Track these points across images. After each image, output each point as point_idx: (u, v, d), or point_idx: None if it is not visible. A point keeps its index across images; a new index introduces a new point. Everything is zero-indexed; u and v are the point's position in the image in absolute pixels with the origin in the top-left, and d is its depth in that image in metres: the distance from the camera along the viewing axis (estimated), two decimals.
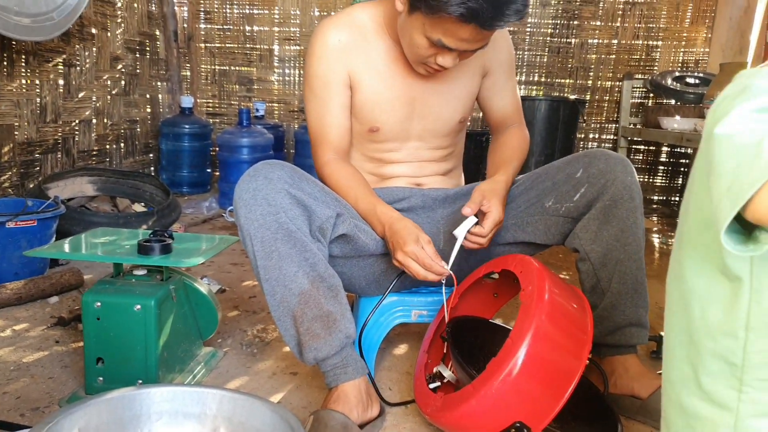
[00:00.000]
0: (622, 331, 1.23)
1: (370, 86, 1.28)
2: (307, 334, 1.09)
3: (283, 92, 4.10)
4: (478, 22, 1.04)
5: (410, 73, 1.28)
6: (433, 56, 1.16)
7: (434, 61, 1.17)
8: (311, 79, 1.29)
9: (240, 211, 1.08)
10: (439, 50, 1.14)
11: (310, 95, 1.30)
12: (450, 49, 1.12)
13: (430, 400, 1.09)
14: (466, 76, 1.33)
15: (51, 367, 1.37)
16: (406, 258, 1.12)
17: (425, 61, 1.18)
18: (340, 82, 1.27)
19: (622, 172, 1.21)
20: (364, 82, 1.27)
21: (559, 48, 4.05)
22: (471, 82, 1.35)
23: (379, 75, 1.28)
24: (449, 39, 1.10)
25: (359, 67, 1.27)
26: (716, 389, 0.61)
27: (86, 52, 2.95)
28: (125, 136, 3.43)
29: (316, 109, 1.29)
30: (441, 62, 1.16)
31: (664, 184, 4.19)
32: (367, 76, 1.27)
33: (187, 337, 1.35)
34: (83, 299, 1.19)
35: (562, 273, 2.32)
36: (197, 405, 1.05)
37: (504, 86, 1.41)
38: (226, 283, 2.01)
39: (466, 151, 1.53)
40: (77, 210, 2.41)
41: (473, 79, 1.35)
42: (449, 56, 1.15)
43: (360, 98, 1.28)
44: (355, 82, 1.28)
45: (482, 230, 1.18)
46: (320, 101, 1.28)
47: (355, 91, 1.28)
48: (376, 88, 1.28)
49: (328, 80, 1.27)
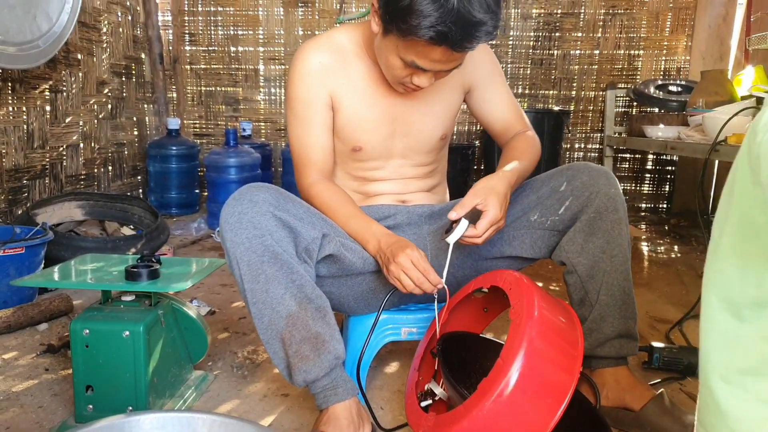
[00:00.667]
0: (611, 343, 1.24)
1: (351, 107, 1.29)
2: (296, 357, 1.09)
3: (269, 111, 4.12)
4: (449, 44, 1.06)
5: (390, 93, 1.30)
6: (409, 76, 1.18)
7: (410, 81, 1.19)
8: (293, 102, 1.30)
9: (226, 234, 1.09)
10: (414, 71, 1.16)
11: (292, 118, 1.31)
12: (424, 69, 1.14)
13: (422, 420, 1.09)
14: (445, 93, 1.35)
15: (41, 395, 1.36)
16: (398, 269, 1.12)
17: (402, 81, 1.20)
18: (322, 103, 1.28)
19: (606, 185, 1.23)
20: (346, 103, 1.29)
21: (542, 60, 4.09)
22: (451, 99, 1.37)
23: (360, 95, 1.29)
24: (422, 60, 1.12)
25: (340, 88, 1.28)
26: None
27: (72, 78, 2.95)
28: (113, 160, 3.42)
29: (299, 131, 1.30)
30: (417, 82, 1.18)
31: (651, 191, 4.23)
32: (348, 96, 1.29)
33: (176, 362, 1.34)
34: (71, 327, 1.18)
35: (552, 285, 2.33)
36: (187, 431, 1.05)
37: (494, 97, 1.40)
38: (216, 305, 2.01)
39: (452, 165, 1.55)
40: (65, 235, 2.40)
41: (453, 96, 1.37)
42: (424, 76, 1.17)
43: (342, 119, 1.30)
44: (337, 102, 1.29)
45: (475, 231, 1.14)
46: (302, 123, 1.29)
47: (337, 111, 1.30)
48: (357, 108, 1.29)
49: (309, 102, 1.28)
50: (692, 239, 3.32)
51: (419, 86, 1.19)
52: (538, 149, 1.37)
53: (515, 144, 1.36)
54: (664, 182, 4.22)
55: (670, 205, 4.22)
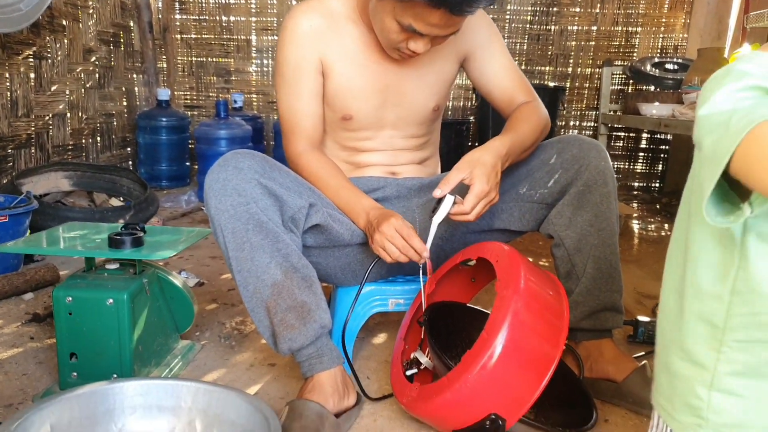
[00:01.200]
0: (596, 316, 1.24)
1: (342, 73, 1.26)
2: (281, 325, 1.09)
3: (261, 83, 4.06)
4: (447, 7, 1.03)
5: (383, 61, 1.27)
6: (404, 41, 1.15)
7: (406, 46, 1.16)
8: (282, 66, 1.27)
9: (210, 201, 1.07)
10: (410, 35, 1.13)
11: (281, 82, 1.28)
12: (421, 34, 1.11)
13: (406, 390, 1.09)
14: (439, 62, 1.32)
15: (25, 363, 1.35)
16: (382, 238, 1.11)
17: (397, 47, 1.17)
18: (312, 68, 1.25)
19: (596, 158, 1.21)
20: (337, 69, 1.26)
21: (539, 35, 4.05)
22: (445, 69, 1.34)
23: (351, 62, 1.26)
24: (419, 24, 1.09)
25: (331, 53, 1.25)
26: (697, 350, 0.65)
27: (57, 45, 2.89)
28: (101, 130, 3.38)
29: (288, 96, 1.27)
30: (412, 47, 1.15)
31: (644, 170, 4.23)
32: (340, 62, 1.26)
33: (162, 331, 1.34)
34: (54, 294, 1.17)
35: (541, 260, 2.33)
36: (172, 398, 1.05)
37: (493, 64, 1.34)
38: (205, 277, 2.00)
39: (446, 140, 1.52)
40: (51, 205, 2.37)
41: (447, 65, 1.34)
42: (421, 41, 1.14)
43: (332, 85, 1.27)
44: (327, 68, 1.26)
45: (464, 208, 1.09)
46: (291, 88, 1.26)
47: (327, 77, 1.27)
48: (348, 74, 1.26)
49: (299, 66, 1.25)
50: None
51: (415, 52, 1.16)
52: (540, 117, 1.28)
53: (515, 114, 1.29)
54: (657, 161, 4.22)
55: (663, 184, 4.22)
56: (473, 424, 0.96)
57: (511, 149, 1.18)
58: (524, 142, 1.23)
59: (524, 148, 1.24)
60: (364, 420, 1.16)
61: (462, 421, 0.97)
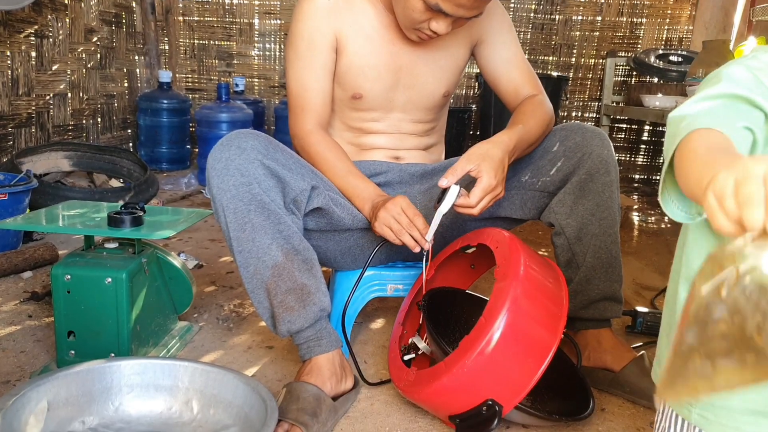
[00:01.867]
0: (596, 305, 1.24)
1: (356, 51, 1.25)
2: (280, 307, 1.09)
3: (263, 67, 4.04)
4: None
5: (398, 41, 1.26)
6: (426, 21, 1.13)
7: (427, 26, 1.14)
8: (295, 39, 1.25)
9: (212, 181, 1.06)
10: (433, 15, 1.11)
11: (293, 56, 1.26)
12: (446, 14, 1.10)
13: (403, 374, 1.09)
14: (453, 47, 1.31)
15: (23, 341, 1.35)
16: (387, 215, 1.10)
17: (418, 27, 1.16)
18: (326, 43, 1.23)
19: (599, 146, 1.21)
20: (350, 46, 1.24)
21: (543, 24, 4.02)
22: (458, 54, 1.32)
23: (366, 40, 1.25)
24: (446, 4, 1.07)
25: (346, 30, 1.24)
26: None
27: (59, 24, 2.87)
28: (102, 111, 3.36)
29: (299, 71, 1.25)
30: (434, 28, 1.13)
31: (646, 162, 4.22)
32: (354, 39, 1.24)
33: (160, 311, 1.33)
34: (52, 272, 1.16)
35: (541, 250, 2.33)
36: (169, 378, 1.05)
37: (504, 53, 1.33)
38: (204, 259, 2.00)
39: (448, 129, 1.50)
40: (51, 185, 2.36)
41: (461, 50, 1.32)
42: (443, 22, 1.12)
43: (344, 62, 1.25)
44: (341, 45, 1.24)
45: (469, 201, 1.08)
46: (304, 63, 1.24)
47: (341, 54, 1.25)
48: (362, 52, 1.25)
49: (313, 40, 1.23)
50: None
51: (436, 32, 1.14)
52: (545, 112, 1.26)
53: (521, 108, 1.28)
54: (659, 154, 4.20)
55: None
56: (470, 410, 0.96)
57: (518, 144, 1.17)
58: (531, 137, 1.22)
59: (530, 143, 1.23)
60: (362, 404, 1.16)
61: (458, 406, 0.97)
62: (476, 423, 0.95)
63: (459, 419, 0.97)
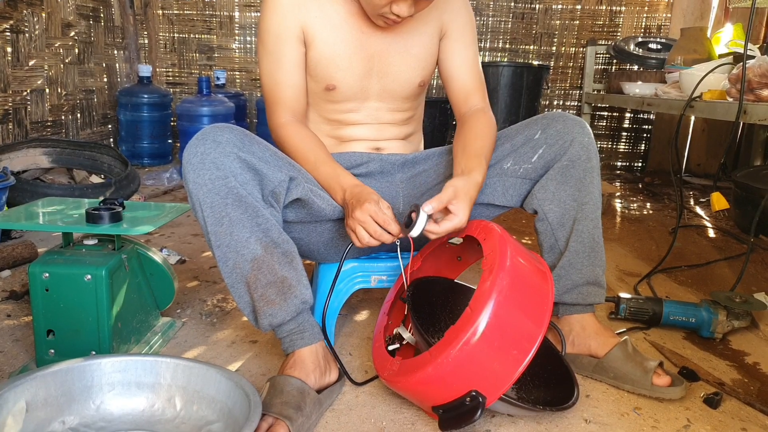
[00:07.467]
0: (579, 290, 1.25)
1: (325, 41, 1.24)
2: (261, 301, 1.08)
3: (244, 60, 4.00)
4: None
5: (367, 29, 1.25)
6: (388, 5, 1.13)
7: (390, 10, 1.14)
8: (264, 35, 1.25)
9: (188, 176, 1.05)
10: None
11: (263, 52, 1.26)
12: None
13: (387, 364, 1.09)
14: (424, 36, 1.31)
15: (1, 341, 1.33)
16: (354, 223, 1.10)
17: (381, 12, 1.15)
18: (293, 36, 1.23)
19: (580, 133, 1.21)
20: (319, 37, 1.24)
21: (524, 14, 4.02)
22: (429, 44, 1.32)
23: (334, 30, 1.24)
24: None
25: (313, 21, 1.23)
26: None
27: (35, 18, 2.82)
28: (81, 107, 3.31)
29: (269, 66, 1.25)
30: (396, 10, 1.13)
31: (627, 149, 4.25)
32: (322, 30, 1.24)
33: (142, 308, 1.32)
34: (30, 270, 1.14)
35: (525, 238, 2.34)
36: (151, 375, 1.04)
37: (462, 52, 1.35)
38: (187, 254, 1.98)
39: (431, 119, 1.51)
40: (29, 182, 2.33)
41: (432, 39, 1.32)
42: (404, 4, 1.12)
43: (315, 54, 1.25)
44: (309, 37, 1.24)
45: (438, 229, 1.09)
46: (273, 58, 1.24)
47: (310, 47, 1.25)
48: (331, 43, 1.24)
49: (280, 35, 1.23)
50: (665, 197, 3.36)
51: (399, 15, 1.14)
52: (495, 132, 1.29)
53: (483, 130, 1.27)
54: (640, 141, 4.24)
55: (645, 164, 4.25)
56: (453, 401, 0.96)
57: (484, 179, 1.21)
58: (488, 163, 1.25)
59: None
60: (346, 396, 1.16)
61: (442, 397, 0.97)
62: (459, 414, 0.95)
63: (442, 410, 0.97)
